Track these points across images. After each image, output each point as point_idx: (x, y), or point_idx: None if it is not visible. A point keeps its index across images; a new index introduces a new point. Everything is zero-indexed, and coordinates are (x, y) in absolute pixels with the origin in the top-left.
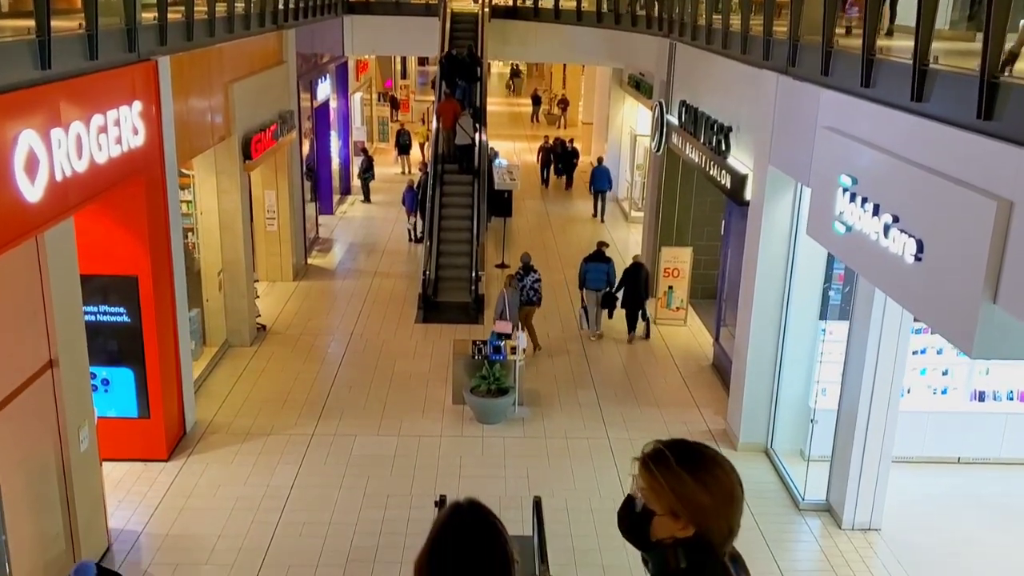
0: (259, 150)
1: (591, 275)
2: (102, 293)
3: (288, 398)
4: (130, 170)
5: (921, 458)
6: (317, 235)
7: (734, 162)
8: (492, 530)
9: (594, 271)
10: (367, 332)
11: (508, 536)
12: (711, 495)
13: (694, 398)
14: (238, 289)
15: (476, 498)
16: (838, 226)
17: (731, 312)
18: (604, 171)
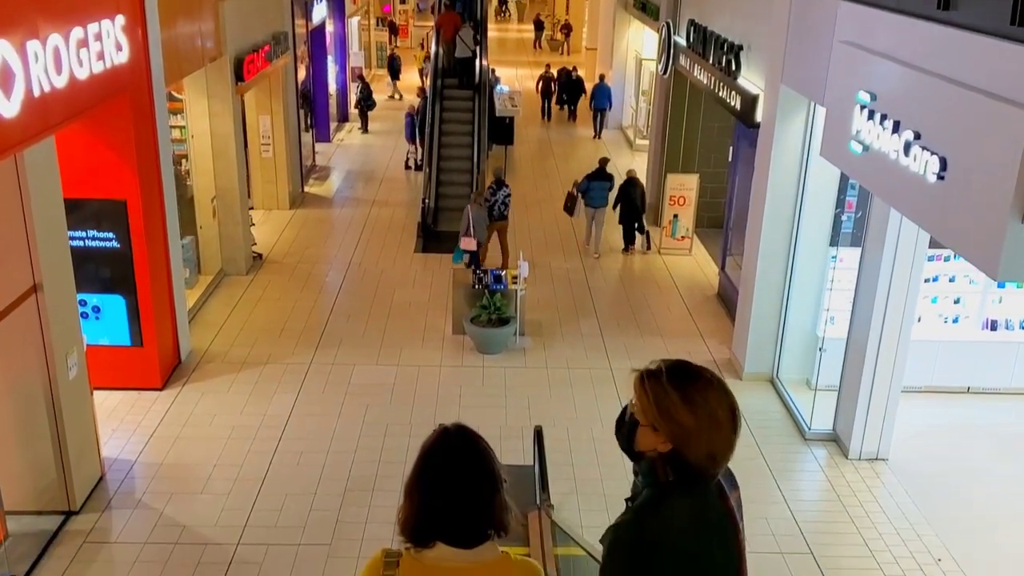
0: (252, 72)
1: (593, 192)
2: (90, 218)
3: (285, 327)
4: (115, 88)
5: (930, 388)
6: (314, 163)
7: (744, 83)
8: (477, 450)
9: (596, 189)
10: (365, 261)
11: (494, 456)
12: (694, 415)
13: (698, 328)
14: (232, 216)
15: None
16: (854, 146)
17: (737, 241)
18: (605, 88)
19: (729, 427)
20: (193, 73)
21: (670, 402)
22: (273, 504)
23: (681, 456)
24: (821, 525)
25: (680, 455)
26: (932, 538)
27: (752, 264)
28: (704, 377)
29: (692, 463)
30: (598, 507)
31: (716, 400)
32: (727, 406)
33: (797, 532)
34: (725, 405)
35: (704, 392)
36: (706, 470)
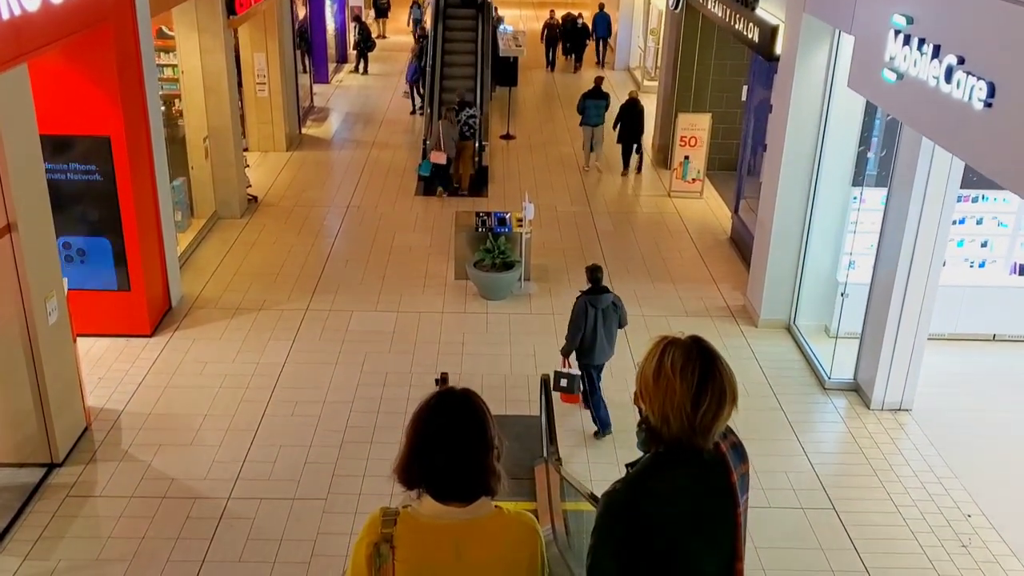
0: (244, 5)
1: (590, 111)
2: (72, 155)
3: (280, 272)
4: (95, 17)
5: (955, 335)
6: (312, 104)
7: (763, 14)
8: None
9: (593, 107)
10: (364, 204)
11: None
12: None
13: (711, 273)
14: (226, 157)
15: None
16: (888, 74)
17: (752, 183)
18: (604, 17)
19: (684, 392)
20: (183, 5)
21: (645, 361)
22: (266, 456)
23: (648, 420)
24: (843, 479)
25: (647, 419)
26: (960, 492)
27: (769, 206)
28: (697, 348)
29: (653, 425)
30: (608, 460)
31: (680, 361)
32: (691, 371)
33: (818, 486)
34: (689, 370)
35: (674, 351)
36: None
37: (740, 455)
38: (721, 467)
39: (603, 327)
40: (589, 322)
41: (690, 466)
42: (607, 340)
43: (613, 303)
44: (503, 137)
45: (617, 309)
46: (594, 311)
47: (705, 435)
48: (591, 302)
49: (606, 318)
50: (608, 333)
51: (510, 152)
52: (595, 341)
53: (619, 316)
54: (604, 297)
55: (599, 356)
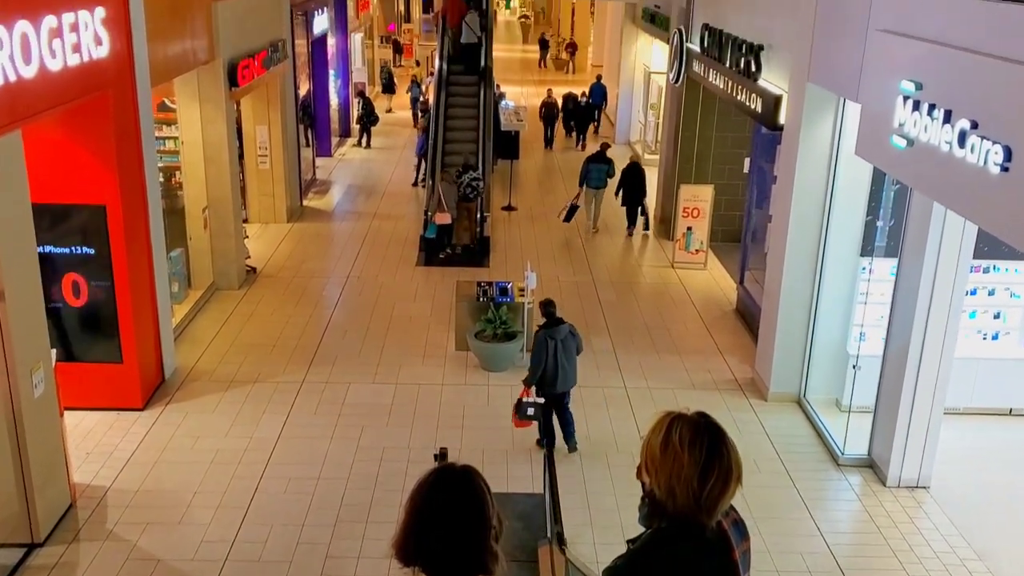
0: (247, 77)
1: (592, 174)
2: (66, 224)
3: (277, 343)
4: (94, 84)
5: (969, 409)
6: (314, 177)
7: (765, 84)
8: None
9: (595, 171)
10: (365, 275)
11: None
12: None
13: (718, 345)
14: (225, 228)
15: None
16: (897, 140)
17: (757, 254)
18: (601, 87)
19: (691, 466)
20: (184, 76)
21: (652, 435)
22: (257, 536)
23: (652, 494)
24: (861, 561)
25: (651, 493)
26: (984, 575)
27: (776, 276)
28: (703, 423)
29: (659, 499)
30: (615, 540)
31: (688, 436)
32: (699, 446)
33: (835, 568)
34: (697, 445)
35: (681, 426)
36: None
37: (741, 532)
38: (723, 544)
39: (563, 356)
40: (549, 353)
41: (692, 542)
42: (568, 368)
43: (570, 332)
44: (505, 208)
45: (575, 338)
46: (553, 342)
47: (710, 512)
48: (549, 335)
49: (565, 348)
50: (569, 361)
51: (512, 223)
52: (557, 370)
53: (577, 344)
54: (561, 328)
55: (562, 385)
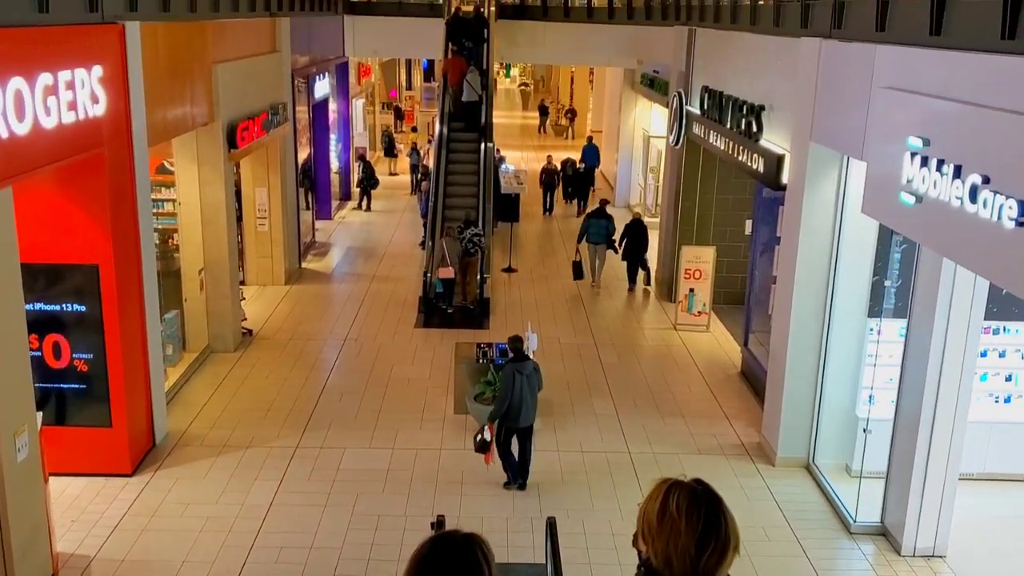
0: (246, 139)
1: (592, 230)
2: (58, 284)
3: (272, 407)
4: (89, 143)
5: (983, 475)
6: (313, 239)
7: (767, 144)
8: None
9: (595, 226)
10: (362, 337)
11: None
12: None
13: (723, 409)
14: (221, 290)
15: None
16: (906, 197)
17: (760, 316)
18: (593, 148)
19: (689, 534)
20: (183, 137)
21: (650, 502)
22: None
23: (649, 562)
24: None
25: (648, 561)
26: None
27: (782, 339)
28: (700, 490)
29: (655, 568)
30: None
31: (685, 503)
32: (696, 514)
33: None
34: (695, 513)
35: (679, 493)
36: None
37: None
38: None
39: (527, 391)
40: (516, 388)
41: None
42: (531, 403)
43: (534, 368)
44: (505, 270)
45: (538, 374)
46: (521, 377)
47: None
48: (516, 369)
49: (530, 383)
50: (532, 396)
51: (512, 285)
52: (521, 404)
53: (538, 380)
54: (527, 364)
55: (525, 419)
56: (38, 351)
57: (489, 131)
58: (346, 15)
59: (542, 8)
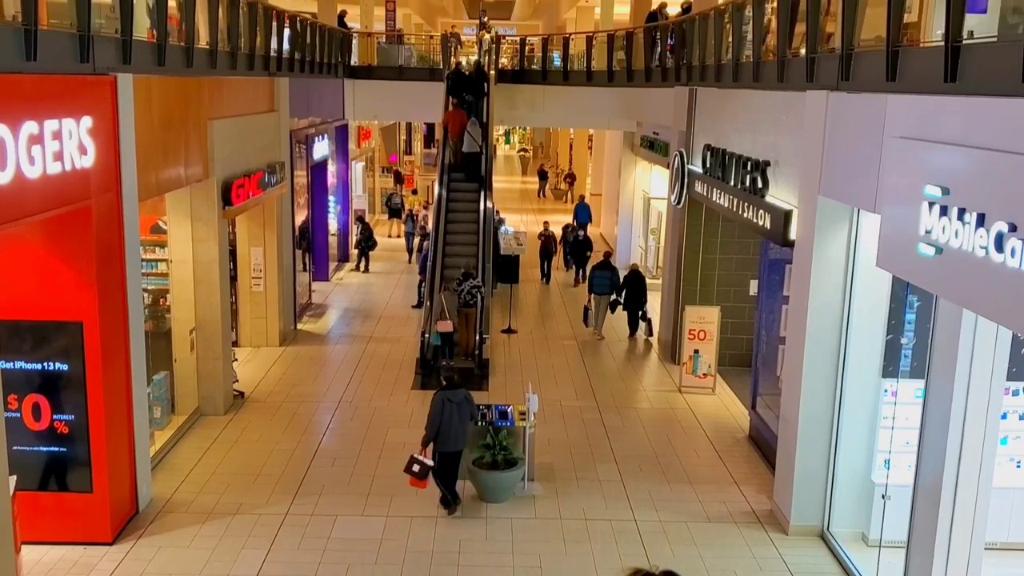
0: (241, 196)
1: (596, 280)
2: (38, 341)
3: (262, 472)
4: (76, 195)
5: (1006, 544)
6: (310, 301)
7: (773, 200)
8: None
9: (599, 277)
10: (357, 399)
11: None
12: None
13: (731, 474)
14: (212, 350)
15: None
16: (925, 249)
17: (768, 379)
18: (585, 207)
19: None
20: (177, 193)
21: None
22: None
23: None
24: None
25: None
26: None
27: (793, 401)
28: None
29: None
30: None
31: None
32: None
33: None
34: None
35: None
36: None
37: None
38: None
39: (457, 419)
40: (445, 415)
41: None
42: (461, 430)
43: (466, 397)
44: (504, 331)
45: (470, 404)
46: (450, 404)
47: None
48: (447, 397)
49: (460, 410)
50: (462, 423)
51: (511, 346)
52: (450, 431)
53: (471, 410)
54: (458, 392)
55: (454, 444)
56: (17, 412)
57: (489, 182)
58: (346, 79)
59: (541, 72)
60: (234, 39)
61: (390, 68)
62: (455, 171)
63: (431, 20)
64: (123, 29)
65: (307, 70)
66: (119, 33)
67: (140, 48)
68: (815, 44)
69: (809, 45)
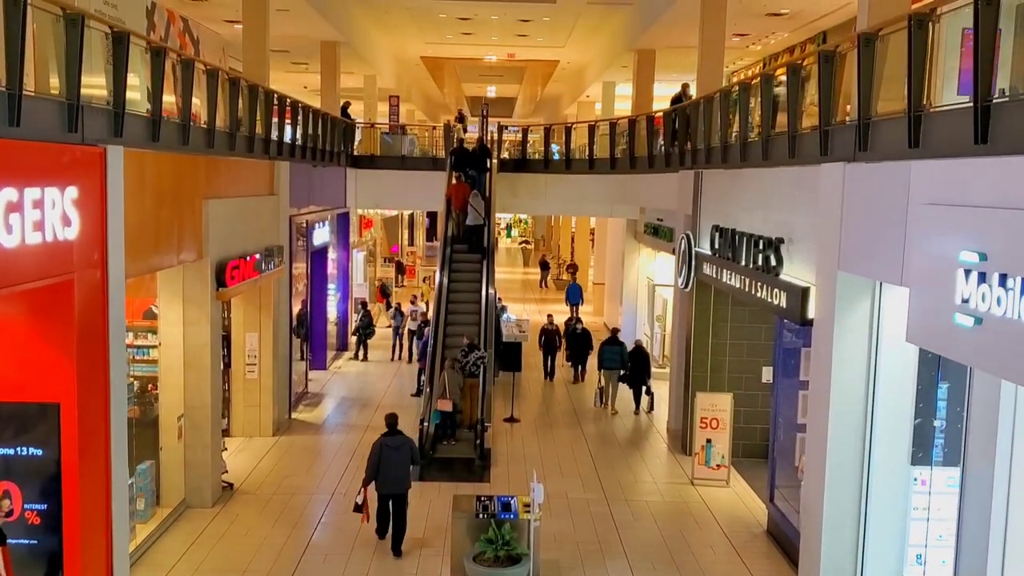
0: (236, 278)
1: (606, 356)
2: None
3: (248, 569)
4: (57, 267)
5: None
6: (306, 389)
7: (789, 278)
8: None
9: (608, 352)
10: (352, 491)
11: None
12: None
13: (750, 571)
14: (201, 439)
15: None
16: (961, 319)
17: (786, 470)
18: (576, 287)
19: None
20: (168, 273)
21: None
22: None
23: None
24: None
25: None
26: None
27: (816, 493)
28: None
29: None
30: None
31: None
32: None
33: None
34: None
35: None
36: None
37: None
38: None
39: (397, 462)
40: (384, 459)
41: None
42: (402, 472)
43: (405, 444)
44: (507, 420)
45: (410, 450)
46: (389, 449)
47: None
48: (386, 443)
49: (400, 454)
50: (402, 467)
51: (514, 435)
52: (389, 473)
53: (412, 455)
54: (397, 439)
55: (395, 487)
56: None
57: (492, 252)
58: (349, 168)
59: (543, 161)
60: (233, 121)
61: (392, 158)
62: (458, 242)
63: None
64: (115, 101)
65: (309, 156)
66: (111, 105)
67: (133, 122)
68: (829, 116)
69: (823, 117)
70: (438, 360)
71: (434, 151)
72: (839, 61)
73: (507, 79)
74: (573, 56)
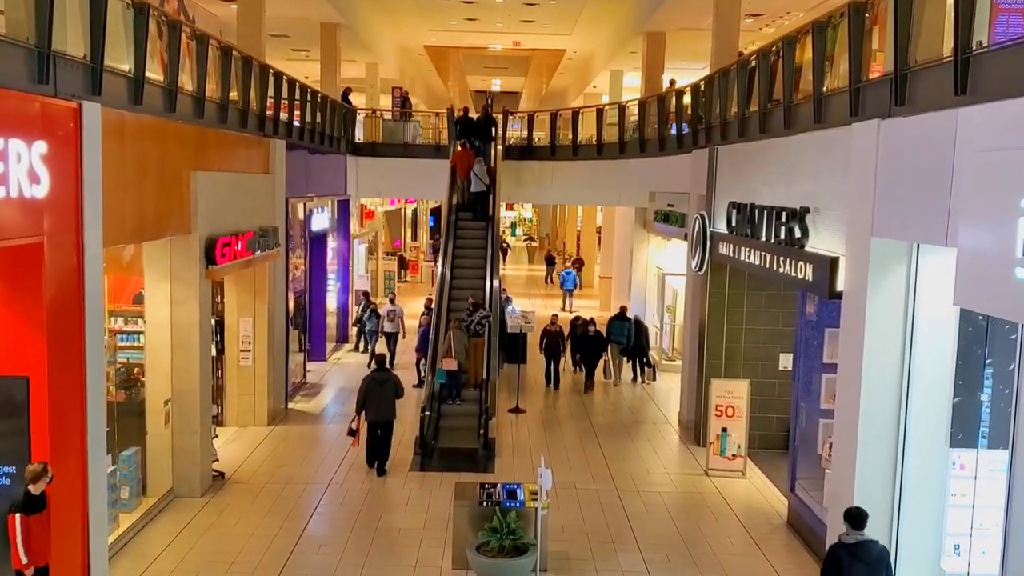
0: (227, 256)
1: (614, 331)
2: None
3: (236, 560)
4: (23, 229)
5: None
6: (304, 379)
7: (815, 249)
8: None
9: (616, 328)
10: (349, 481)
11: None
12: None
13: (772, 566)
14: (190, 424)
15: None
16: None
17: (808, 459)
18: (570, 273)
19: None
20: (155, 248)
21: None
22: None
23: None
24: None
25: None
26: None
27: (845, 479)
28: None
29: None
30: None
31: None
32: None
33: None
34: None
35: None
36: None
37: None
38: None
39: (379, 394)
40: (371, 392)
41: None
42: (385, 404)
43: (388, 379)
44: (512, 411)
45: (395, 385)
46: (375, 384)
47: None
48: (373, 378)
49: (384, 389)
50: (387, 399)
51: (519, 426)
52: (373, 404)
53: (396, 389)
54: (383, 374)
55: (379, 416)
56: None
57: (496, 220)
58: (349, 155)
59: (550, 148)
60: (225, 92)
61: (395, 145)
62: (463, 210)
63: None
64: (92, 56)
65: (307, 138)
66: (88, 59)
67: (114, 81)
68: (860, 73)
69: (853, 74)
70: (444, 327)
71: (437, 140)
72: (871, 10)
73: (512, 71)
74: (580, 45)
